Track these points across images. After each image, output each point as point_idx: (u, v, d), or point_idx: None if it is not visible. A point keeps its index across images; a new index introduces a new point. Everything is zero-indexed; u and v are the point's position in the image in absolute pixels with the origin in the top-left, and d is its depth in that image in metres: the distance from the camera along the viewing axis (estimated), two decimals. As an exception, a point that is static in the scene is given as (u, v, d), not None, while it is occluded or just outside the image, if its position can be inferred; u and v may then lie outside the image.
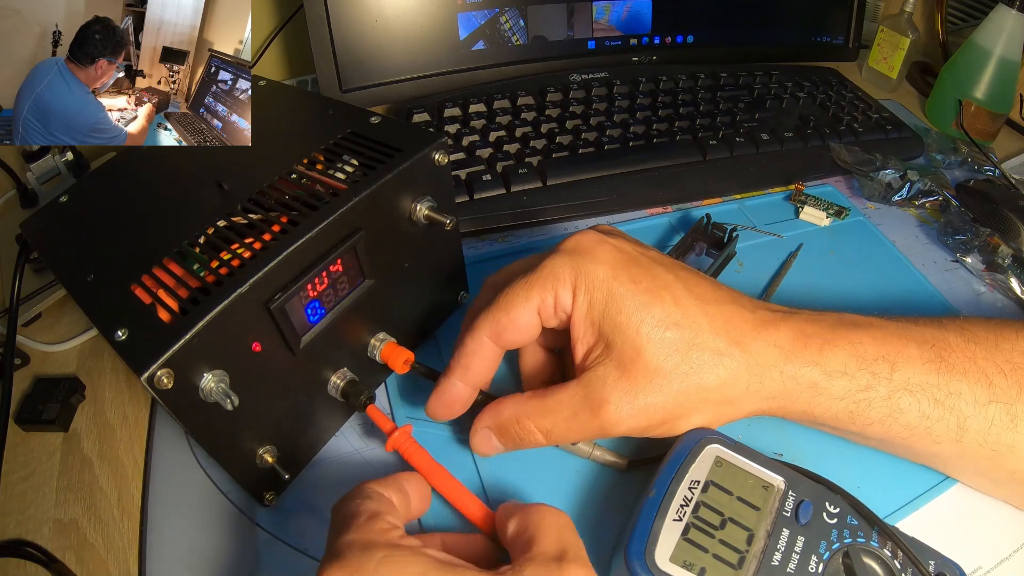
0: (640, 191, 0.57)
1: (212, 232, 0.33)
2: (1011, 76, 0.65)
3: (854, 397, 0.32)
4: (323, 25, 0.59)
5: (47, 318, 0.50)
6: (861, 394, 0.32)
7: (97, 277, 0.33)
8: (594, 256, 0.31)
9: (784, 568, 0.30)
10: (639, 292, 0.30)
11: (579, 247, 0.32)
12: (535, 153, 0.58)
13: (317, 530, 0.37)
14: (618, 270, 0.31)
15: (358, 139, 0.38)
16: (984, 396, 0.32)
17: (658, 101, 0.65)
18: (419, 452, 0.36)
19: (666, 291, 0.31)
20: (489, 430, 0.34)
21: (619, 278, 0.31)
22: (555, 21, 0.68)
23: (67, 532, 0.38)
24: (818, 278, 0.51)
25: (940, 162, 0.64)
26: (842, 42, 0.76)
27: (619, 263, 0.31)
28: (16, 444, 0.42)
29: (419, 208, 0.37)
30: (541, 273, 0.31)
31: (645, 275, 0.31)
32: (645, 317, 0.30)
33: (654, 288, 0.30)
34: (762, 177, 0.60)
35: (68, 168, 0.56)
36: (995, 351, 0.33)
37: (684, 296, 0.31)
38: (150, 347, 0.28)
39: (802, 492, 0.33)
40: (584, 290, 0.31)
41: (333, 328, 0.35)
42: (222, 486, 0.39)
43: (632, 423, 0.31)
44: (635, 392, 0.30)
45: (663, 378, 0.30)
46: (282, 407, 0.35)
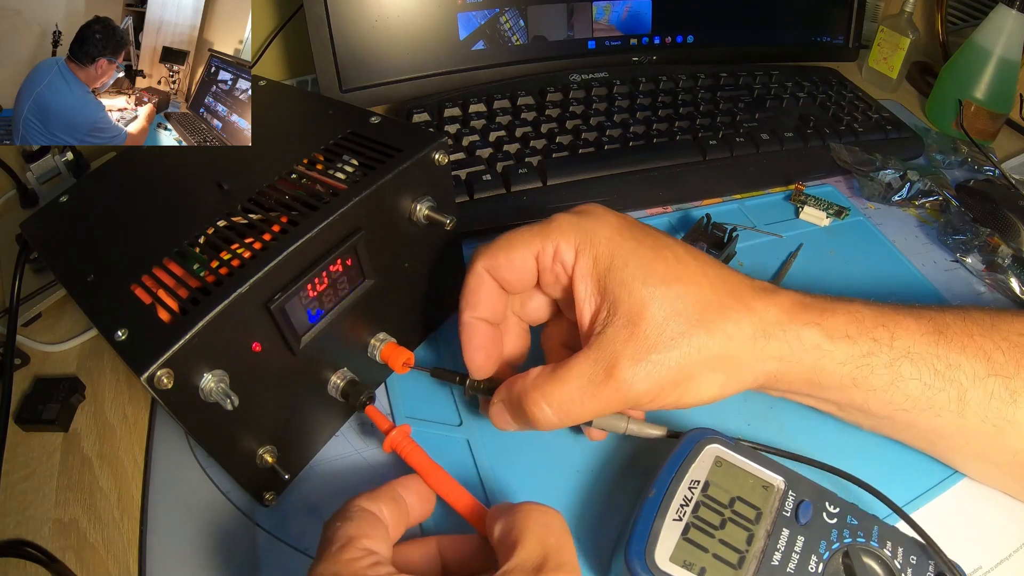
0: (640, 191, 0.57)
1: (212, 232, 0.33)
2: (1011, 76, 0.65)
3: (856, 362, 0.32)
4: (323, 25, 0.59)
5: (47, 318, 0.50)
6: (863, 359, 0.32)
7: (97, 277, 0.33)
8: (599, 218, 0.32)
9: (784, 568, 0.30)
10: (642, 248, 0.30)
11: (585, 210, 0.32)
12: (535, 153, 0.58)
13: (317, 530, 0.36)
14: (622, 230, 0.31)
15: (358, 139, 0.38)
16: (983, 370, 0.32)
17: (658, 101, 0.65)
18: (417, 452, 0.36)
19: (667, 249, 0.31)
20: (503, 404, 0.33)
21: (623, 235, 0.31)
22: (555, 21, 0.68)
23: (67, 532, 0.38)
24: (818, 278, 0.51)
25: (940, 162, 0.64)
26: (842, 42, 0.76)
27: (623, 226, 0.32)
28: (16, 444, 0.42)
29: (419, 208, 0.37)
30: (547, 224, 0.32)
31: (647, 236, 0.31)
32: (649, 273, 0.30)
33: (657, 246, 0.31)
34: (762, 177, 0.60)
35: (68, 168, 0.56)
36: (992, 331, 0.33)
37: (685, 255, 0.31)
38: (150, 347, 0.28)
39: (802, 492, 0.33)
40: (588, 247, 0.31)
41: (333, 328, 0.35)
42: (222, 486, 0.39)
43: (647, 383, 0.30)
44: (646, 349, 0.29)
45: (671, 333, 0.30)
46: (282, 407, 0.35)
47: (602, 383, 0.30)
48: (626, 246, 0.30)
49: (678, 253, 0.32)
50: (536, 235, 0.32)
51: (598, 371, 0.30)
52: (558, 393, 0.30)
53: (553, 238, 0.31)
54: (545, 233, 0.32)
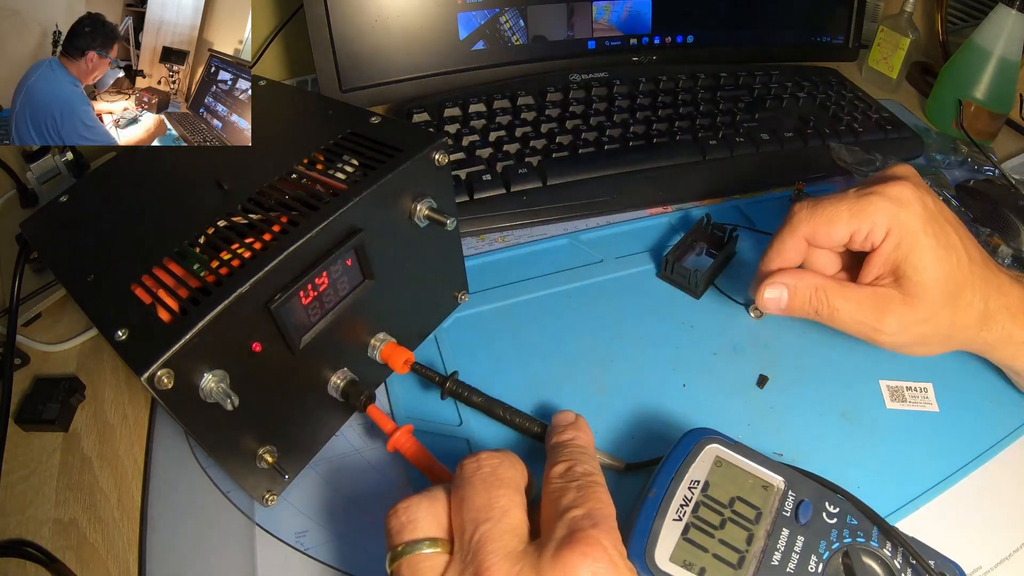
0: (640, 191, 0.57)
1: (212, 232, 0.33)
2: (1011, 76, 0.65)
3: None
4: (323, 25, 0.59)
5: (47, 318, 0.50)
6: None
7: (97, 277, 0.33)
8: (911, 208, 0.37)
9: (784, 568, 0.30)
10: (938, 247, 0.36)
11: (901, 198, 0.37)
12: (535, 153, 0.58)
13: (317, 530, 0.37)
14: (926, 225, 0.36)
15: (358, 139, 0.38)
16: None
17: (658, 101, 0.65)
18: (420, 452, 0.36)
19: (954, 252, 0.37)
20: (785, 287, 0.39)
21: (926, 231, 0.36)
22: (555, 21, 0.68)
23: (67, 532, 0.38)
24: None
25: (940, 162, 0.64)
26: (842, 42, 0.76)
27: (927, 219, 0.37)
28: (16, 444, 0.42)
29: (419, 208, 0.37)
30: (868, 208, 0.37)
31: (943, 233, 0.37)
32: (937, 270, 0.36)
33: (948, 246, 0.37)
34: (762, 177, 0.60)
35: (68, 168, 0.56)
36: None
37: (964, 259, 0.37)
38: (150, 347, 0.28)
39: (802, 492, 0.33)
40: (896, 234, 0.37)
41: (333, 328, 0.35)
42: (222, 486, 0.39)
43: (900, 338, 0.38)
44: (913, 318, 0.37)
45: (935, 316, 0.37)
46: (282, 407, 0.35)
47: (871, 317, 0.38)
48: (926, 242, 0.36)
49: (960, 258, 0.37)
50: (856, 215, 0.37)
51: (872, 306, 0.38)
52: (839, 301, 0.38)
53: (869, 221, 0.37)
54: (864, 215, 0.37)
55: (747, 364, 0.44)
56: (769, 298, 0.40)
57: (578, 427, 0.33)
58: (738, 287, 0.49)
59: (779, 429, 0.41)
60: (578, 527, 0.26)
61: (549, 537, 0.26)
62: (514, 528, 0.27)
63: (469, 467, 0.29)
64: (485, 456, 0.29)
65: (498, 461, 0.29)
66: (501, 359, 0.45)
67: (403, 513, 0.28)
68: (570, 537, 0.25)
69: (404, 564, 0.27)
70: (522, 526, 0.27)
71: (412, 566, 0.27)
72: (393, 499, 0.29)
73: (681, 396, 0.43)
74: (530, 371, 0.44)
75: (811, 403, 0.42)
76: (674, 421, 0.41)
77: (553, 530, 0.26)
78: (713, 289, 0.49)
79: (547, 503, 0.28)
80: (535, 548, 0.26)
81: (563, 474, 0.29)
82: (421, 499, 0.29)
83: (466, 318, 0.47)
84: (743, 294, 0.49)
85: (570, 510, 0.27)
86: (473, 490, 0.28)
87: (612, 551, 0.25)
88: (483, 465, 0.29)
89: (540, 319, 0.47)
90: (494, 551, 0.25)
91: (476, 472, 0.29)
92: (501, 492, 0.28)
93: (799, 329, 0.47)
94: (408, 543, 0.27)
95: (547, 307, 0.48)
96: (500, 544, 0.26)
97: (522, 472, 0.30)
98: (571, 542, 0.25)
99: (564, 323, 0.47)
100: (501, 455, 0.30)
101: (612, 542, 0.26)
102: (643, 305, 0.48)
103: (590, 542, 0.25)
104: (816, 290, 0.38)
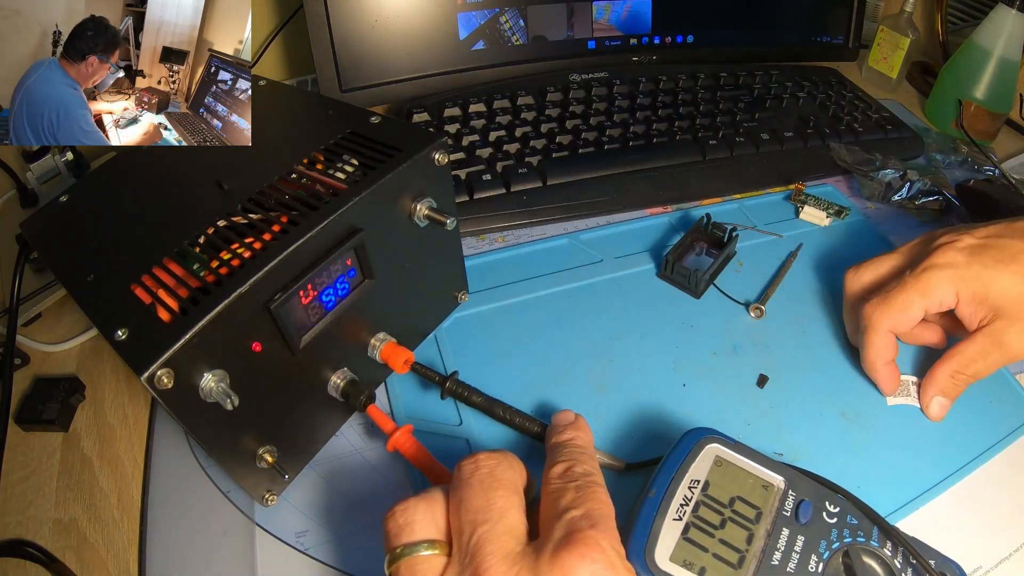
0: (640, 191, 0.57)
1: (212, 232, 0.33)
2: (1011, 76, 0.65)
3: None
4: (323, 25, 0.59)
5: (47, 318, 0.50)
6: None
7: (97, 277, 0.33)
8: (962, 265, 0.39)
9: (784, 567, 0.30)
10: (1004, 272, 0.39)
11: (951, 263, 0.40)
12: (535, 153, 0.58)
13: (317, 530, 0.37)
14: (982, 258, 0.39)
15: (358, 139, 0.38)
16: None
17: (658, 101, 0.65)
18: (420, 452, 0.36)
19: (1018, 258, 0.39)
20: (936, 395, 0.41)
21: (984, 263, 0.39)
22: (555, 21, 0.68)
23: (67, 532, 0.38)
24: (818, 278, 0.51)
25: (940, 162, 0.64)
26: (842, 42, 0.76)
27: (977, 253, 0.39)
28: (16, 444, 0.42)
29: (419, 208, 0.37)
30: (927, 284, 0.40)
31: (1000, 253, 0.39)
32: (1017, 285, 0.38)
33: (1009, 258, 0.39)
34: (762, 177, 0.60)
35: (68, 168, 0.56)
36: None
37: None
38: (150, 347, 0.28)
39: (802, 492, 0.33)
40: (964, 288, 0.39)
41: (333, 328, 0.35)
42: (222, 486, 0.39)
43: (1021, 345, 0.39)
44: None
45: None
46: (282, 407, 0.35)
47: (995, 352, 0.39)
48: (989, 273, 0.39)
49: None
50: (923, 296, 0.40)
51: (992, 346, 0.39)
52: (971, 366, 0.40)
53: (935, 295, 0.40)
54: (932, 294, 0.40)
55: (747, 364, 0.44)
56: (939, 413, 0.41)
57: (578, 427, 0.33)
58: (738, 287, 0.49)
59: (779, 429, 0.41)
60: (576, 528, 0.26)
61: (547, 538, 0.26)
62: (512, 529, 0.27)
63: (467, 468, 0.29)
64: (483, 457, 0.29)
65: (496, 462, 0.29)
66: (501, 359, 0.45)
67: (401, 515, 0.28)
68: (568, 538, 0.25)
69: (403, 566, 0.27)
70: (520, 527, 0.27)
71: (410, 568, 0.27)
72: (393, 499, 0.29)
73: (681, 396, 0.43)
74: (530, 371, 0.44)
75: (811, 403, 0.42)
76: (674, 421, 0.41)
77: (551, 531, 0.26)
78: (713, 289, 0.49)
79: (546, 503, 0.28)
80: (533, 549, 0.26)
81: (562, 474, 0.29)
82: (419, 501, 0.29)
83: (466, 318, 0.47)
84: (743, 294, 0.49)
85: (568, 511, 0.27)
86: (471, 491, 0.28)
87: (610, 552, 0.25)
88: (481, 466, 0.29)
89: (540, 319, 0.47)
90: (492, 552, 0.25)
91: (474, 473, 0.29)
92: (499, 493, 0.28)
93: (799, 329, 0.47)
94: (406, 545, 0.27)
95: (547, 307, 0.48)
96: (498, 545, 0.26)
97: (520, 473, 0.30)
98: (569, 543, 0.25)
99: (564, 323, 0.47)
100: (499, 456, 0.30)
101: (610, 543, 0.26)
102: (643, 305, 0.48)
103: (588, 543, 0.25)
104: (953, 375, 0.40)
